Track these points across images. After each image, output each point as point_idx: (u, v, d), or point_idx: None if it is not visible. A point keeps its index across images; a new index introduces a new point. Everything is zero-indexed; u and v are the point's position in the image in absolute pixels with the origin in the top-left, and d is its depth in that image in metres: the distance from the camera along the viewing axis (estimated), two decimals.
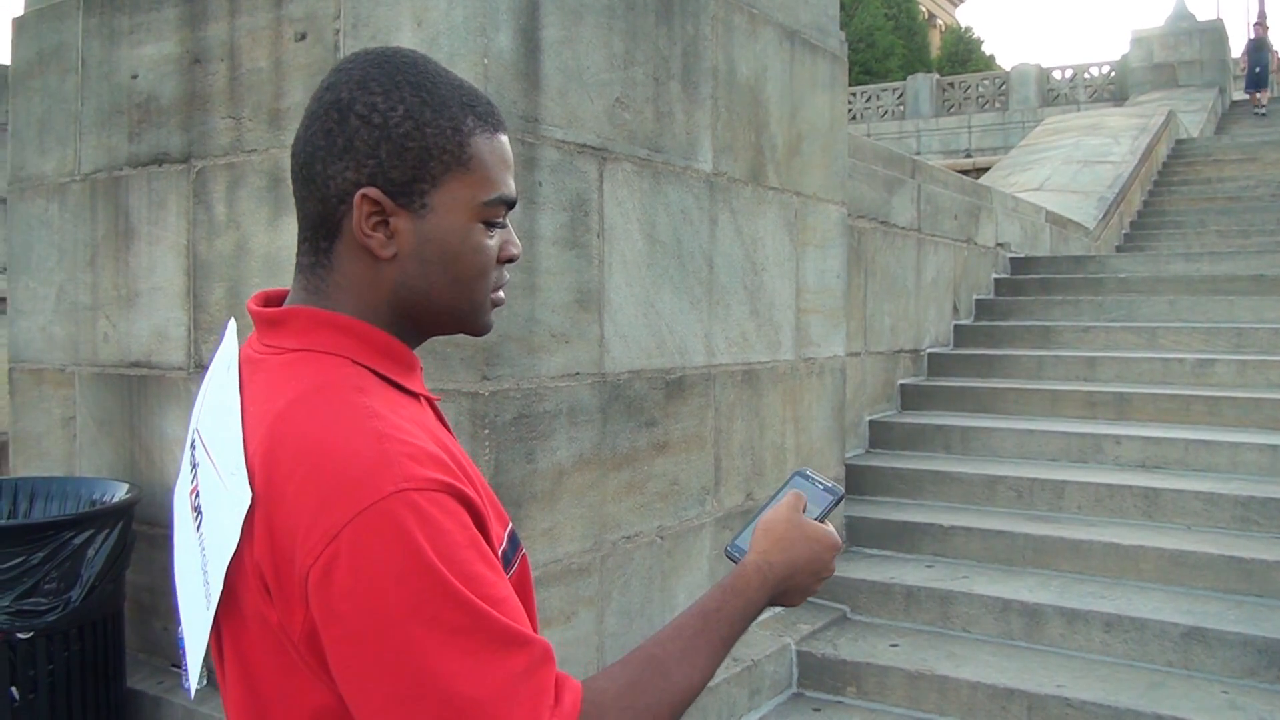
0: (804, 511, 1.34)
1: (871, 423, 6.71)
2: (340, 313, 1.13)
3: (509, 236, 1.21)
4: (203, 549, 1.11)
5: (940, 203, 7.74)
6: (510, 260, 1.21)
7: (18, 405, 4.42)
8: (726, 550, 1.35)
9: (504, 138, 1.19)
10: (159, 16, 3.93)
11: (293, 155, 1.16)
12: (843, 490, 1.41)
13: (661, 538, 4.01)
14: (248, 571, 1.03)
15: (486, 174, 1.15)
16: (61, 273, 4.25)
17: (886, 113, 27.65)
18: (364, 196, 1.10)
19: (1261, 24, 23.43)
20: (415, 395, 1.17)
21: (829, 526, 1.33)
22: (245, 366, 1.16)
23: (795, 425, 4.91)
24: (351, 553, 0.95)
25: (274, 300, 1.23)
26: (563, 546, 3.54)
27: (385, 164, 1.10)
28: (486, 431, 3.23)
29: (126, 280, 4.04)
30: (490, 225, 1.17)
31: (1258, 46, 22.13)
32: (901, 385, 7.20)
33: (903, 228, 7.06)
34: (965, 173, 11.71)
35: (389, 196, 1.11)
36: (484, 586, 0.98)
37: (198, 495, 1.14)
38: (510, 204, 1.18)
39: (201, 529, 1.12)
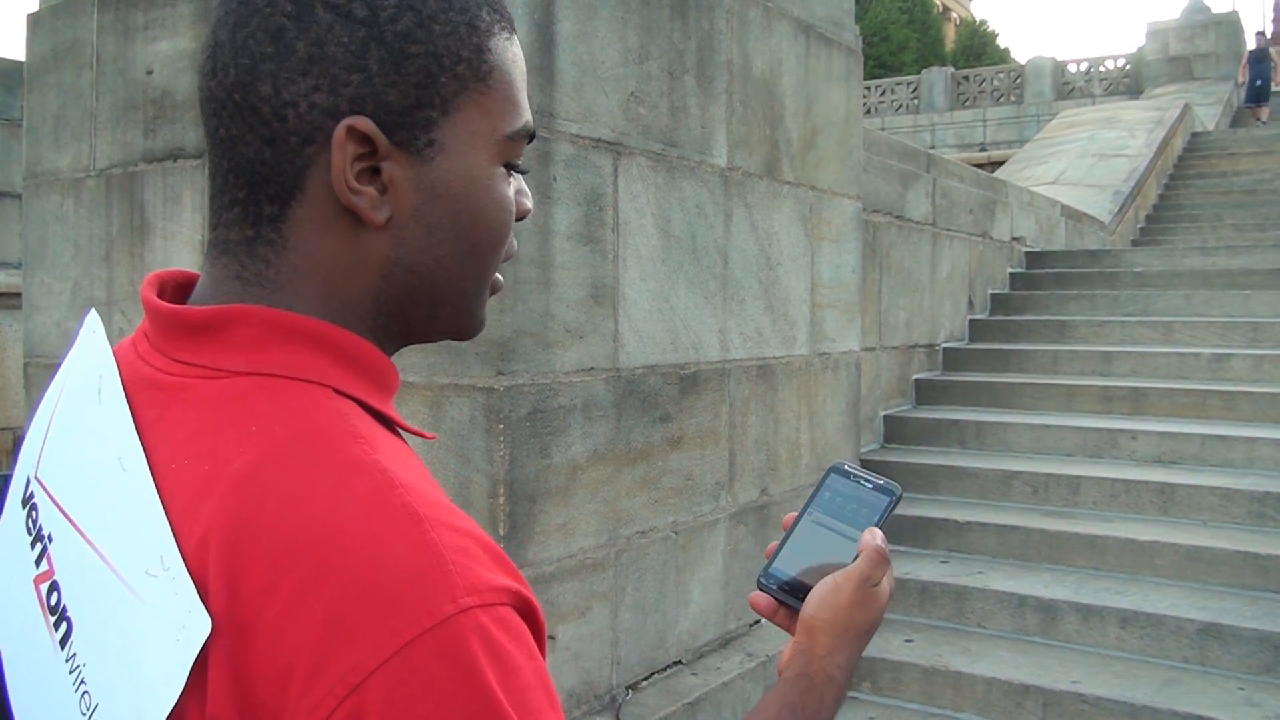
0: (848, 521, 1.09)
1: (886, 418, 6.70)
2: (305, 313, 0.76)
3: (521, 185, 0.86)
4: (80, 684, 0.70)
5: (955, 197, 7.71)
6: (523, 217, 0.86)
7: (33, 400, 4.42)
8: (759, 580, 1.09)
9: (518, 42, 0.86)
10: (174, 12, 3.94)
11: (210, 72, 0.77)
12: (899, 488, 1.13)
13: (676, 533, 4.01)
14: None
15: (510, 93, 0.81)
16: (77, 268, 4.26)
17: (901, 106, 27.59)
18: (350, 131, 0.73)
19: (1263, 33, 22.34)
20: (402, 431, 0.81)
21: (888, 581, 1.06)
22: (143, 393, 0.76)
23: (810, 420, 4.90)
24: (389, 711, 0.61)
25: (179, 287, 0.84)
26: (577, 541, 3.53)
27: (377, 81, 0.74)
28: (501, 427, 3.22)
29: (142, 276, 4.04)
30: (510, 169, 0.83)
31: (1259, 58, 20.46)
32: (916, 380, 7.18)
33: (918, 222, 7.04)
34: (980, 166, 11.64)
35: (383, 131, 0.74)
36: None
37: (57, 591, 0.73)
38: (533, 137, 0.85)
39: (71, 647, 0.71)
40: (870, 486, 1.11)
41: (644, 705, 3.73)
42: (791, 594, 1.06)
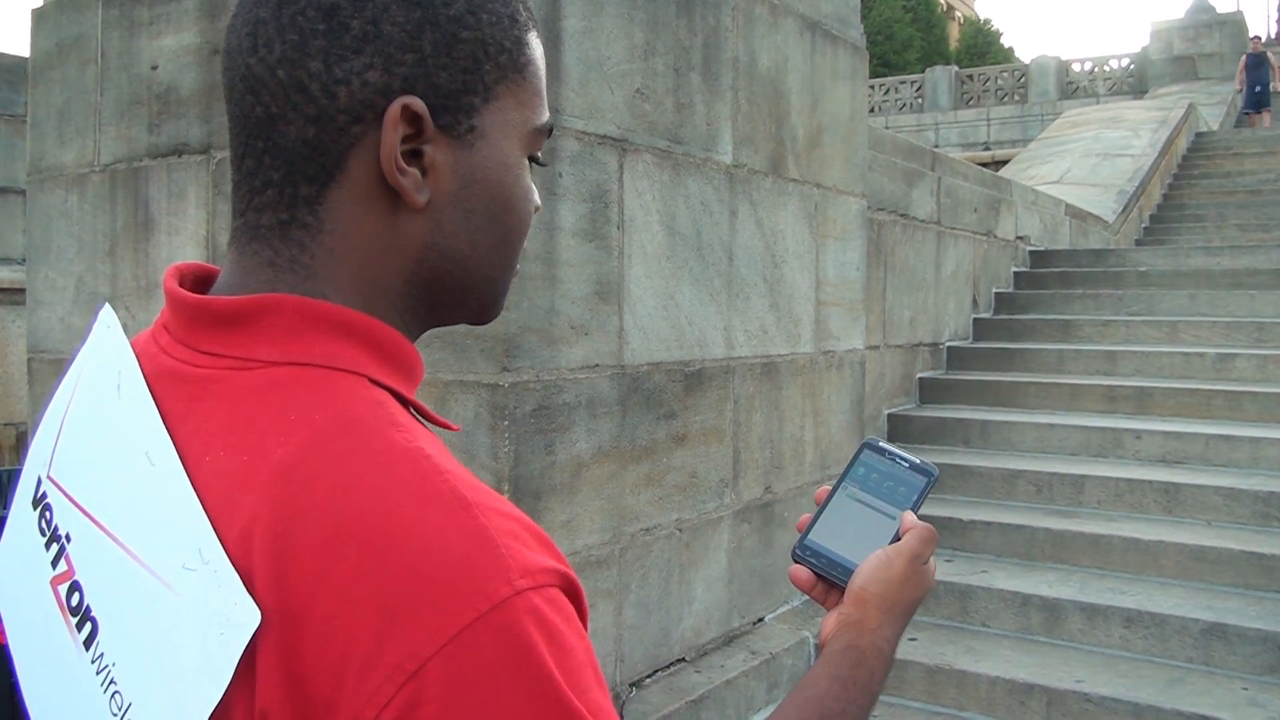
0: (883, 498, 1.08)
1: (890, 416, 6.70)
2: (340, 301, 0.76)
3: (531, 183, 0.87)
4: (109, 683, 0.69)
5: (960, 195, 7.71)
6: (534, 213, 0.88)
7: (37, 395, 4.43)
8: (795, 551, 1.07)
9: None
10: (179, 7, 3.93)
11: (249, 49, 0.75)
12: (936, 469, 1.11)
13: (680, 530, 4.00)
14: None
15: (540, 87, 0.83)
16: (81, 263, 4.25)
17: (905, 105, 27.58)
18: (404, 109, 0.73)
19: (1259, 38, 21.65)
20: (429, 422, 0.80)
21: (933, 560, 1.06)
22: (167, 387, 0.74)
23: (814, 418, 4.90)
24: (448, 696, 0.60)
25: (198, 280, 0.82)
26: (581, 539, 3.53)
27: (430, 62, 0.74)
28: (506, 423, 3.22)
29: (146, 271, 4.04)
30: (532, 162, 0.85)
31: (1256, 63, 19.54)
32: (920, 379, 7.18)
33: (922, 220, 7.04)
34: (984, 166, 11.63)
35: (430, 113, 0.75)
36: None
37: (78, 591, 0.72)
38: (551, 133, 0.86)
39: (98, 648, 0.70)
40: (906, 466, 1.10)
41: (647, 703, 3.72)
42: (827, 567, 1.05)
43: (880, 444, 1.11)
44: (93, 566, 0.72)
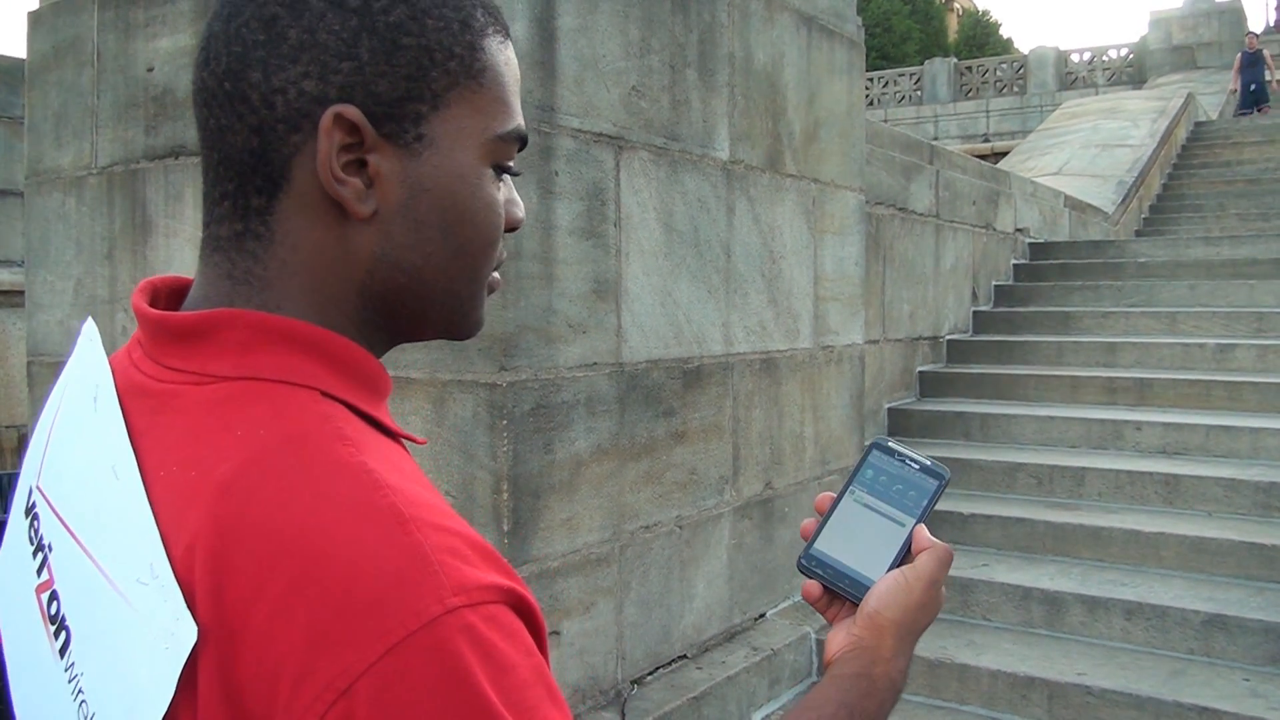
0: (892, 502, 1.04)
1: (890, 410, 6.70)
2: (292, 315, 0.76)
3: (513, 194, 0.85)
4: (78, 692, 0.71)
5: (959, 188, 7.70)
6: (514, 228, 0.85)
7: (37, 398, 4.43)
8: (800, 562, 1.02)
9: (513, 49, 0.84)
10: (174, 9, 3.93)
11: (203, 63, 0.77)
12: (947, 471, 1.06)
13: (680, 527, 4.00)
14: None
15: (502, 94, 0.80)
16: (79, 266, 4.26)
17: (904, 98, 27.55)
18: (338, 118, 0.73)
19: (1255, 34, 20.81)
20: (394, 435, 0.79)
21: (941, 580, 1.01)
22: (135, 401, 0.75)
23: (814, 414, 4.90)
24: (378, 715, 0.60)
25: (172, 294, 0.83)
26: (581, 537, 3.53)
27: (368, 70, 0.74)
28: (505, 423, 3.22)
29: (144, 273, 4.04)
30: (500, 171, 0.82)
31: (1251, 61, 18.84)
32: (920, 372, 7.18)
33: (921, 214, 7.03)
34: (984, 157, 11.63)
35: (371, 122, 0.74)
36: None
37: (56, 600, 0.74)
38: (524, 143, 0.84)
39: (70, 656, 0.72)
40: (917, 468, 1.04)
41: (649, 700, 3.73)
42: (834, 579, 1.01)
43: (890, 444, 1.06)
44: (68, 576, 0.73)
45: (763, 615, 4.54)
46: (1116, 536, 5.06)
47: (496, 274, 0.86)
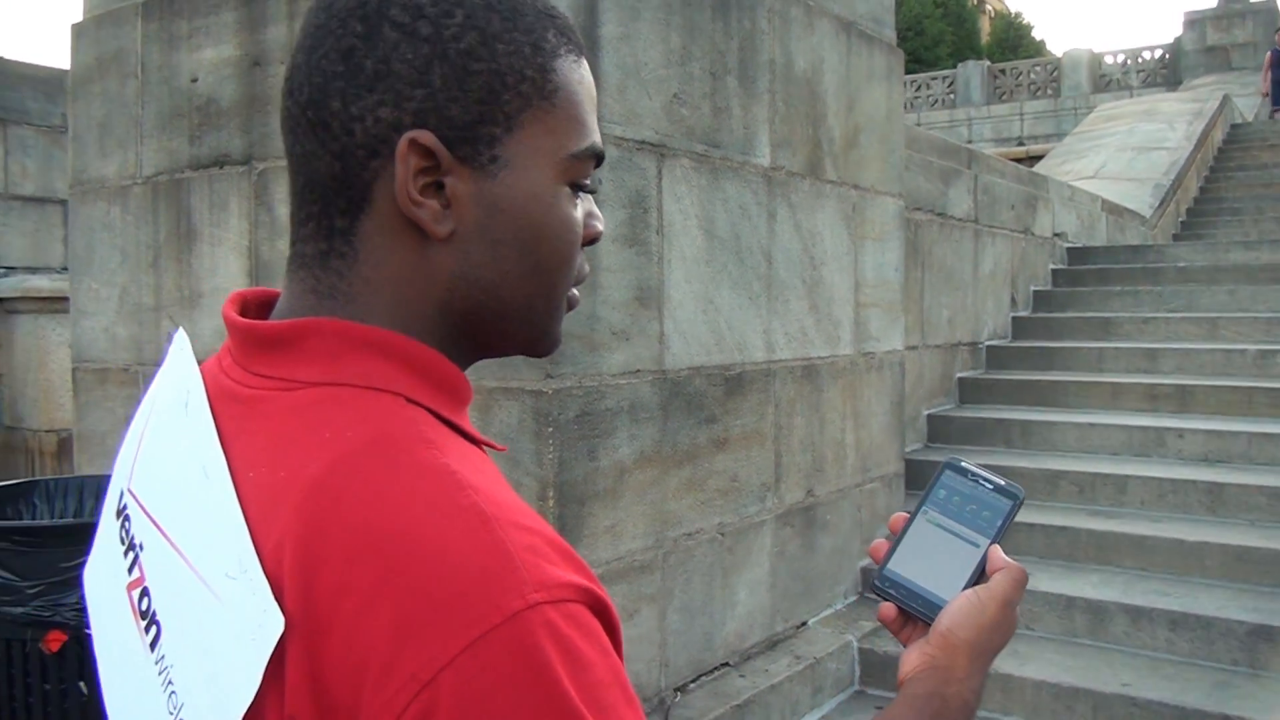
0: (966, 523, 1.03)
1: (930, 417, 6.68)
2: (377, 325, 0.79)
3: (592, 207, 0.87)
4: (168, 684, 0.74)
5: (997, 193, 7.67)
6: (593, 241, 0.88)
7: (82, 404, 4.48)
8: (874, 583, 1.03)
9: (588, 67, 0.86)
10: (218, 20, 3.97)
11: (288, 92, 0.81)
12: (1022, 490, 1.05)
13: (722, 535, 4.01)
14: None
15: (576, 113, 0.82)
16: (124, 274, 4.30)
17: (937, 101, 27.44)
18: (412, 144, 0.75)
19: None
20: (474, 441, 0.81)
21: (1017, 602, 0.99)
22: (225, 406, 0.79)
23: (855, 420, 4.89)
24: (460, 707, 0.62)
25: (261, 305, 0.88)
26: (625, 544, 3.54)
27: (440, 96, 0.76)
28: (550, 430, 3.23)
29: (189, 281, 4.08)
30: (576, 189, 0.84)
31: None
32: (959, 378, 7.15)
33: (959, 219, 7.01)
34: (1018, 161, 11.55)
35: (446, 145, 0.77)
36: None
37: (147, 596, 0.78)
38: (601, 159, 0.85)
39: (160, 650, 0.76)
40: (991, 488, 1.03)
41: (692, 708, 3.73)
42: (907, 599, 1.01)
43: (962, 464, 1.06)
44: (159, 573, 0.77)
45: (804, 623, 4.53)
46: (1160, 545, 5.02)
47: (575, 291, 0.87)
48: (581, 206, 0.85)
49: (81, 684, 3.35)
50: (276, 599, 0.67)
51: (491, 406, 3.27)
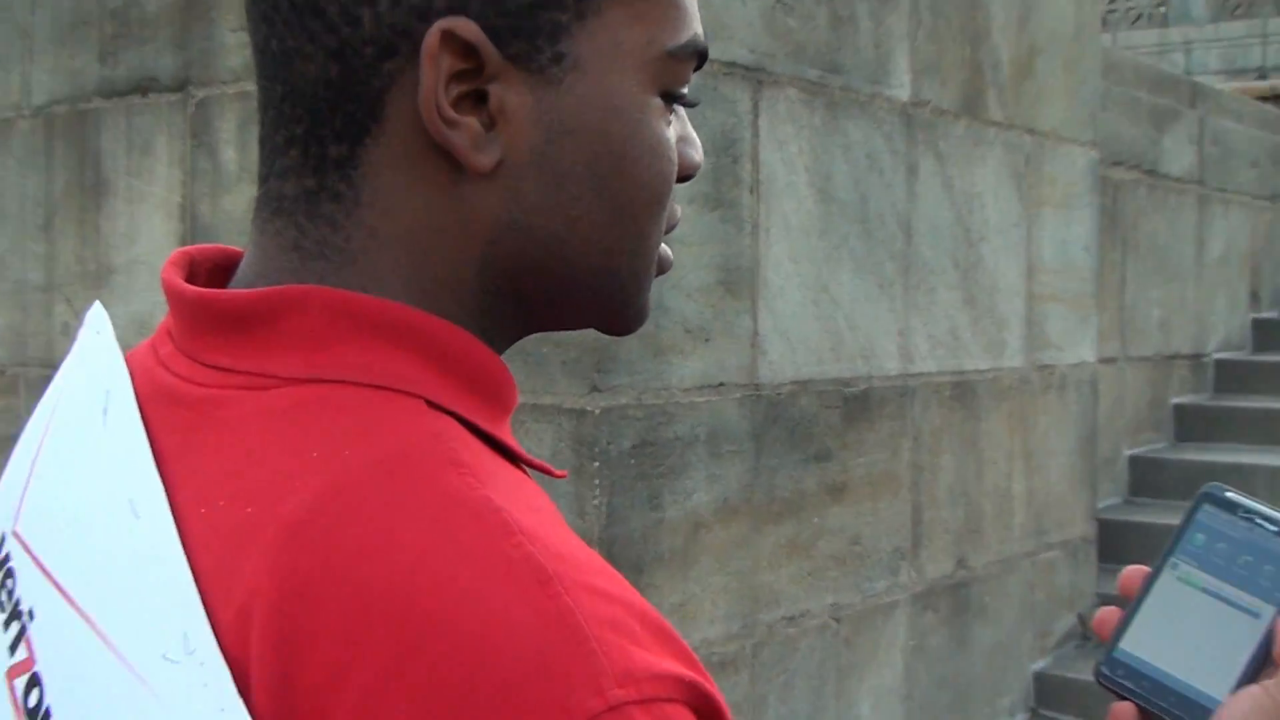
0: (1237, 581, 0.94)
1: (1133, 459, 6.63)
2: (386, 295, 0.74)
3: (687, 129, 0.82)
4: None
5: (1232, 143, 7.62)
6: (689, 176, 0.83)
7: None
8: (1102, 670, 0.95)
9: None
10: None
11: None
12: None
13: (837, 619, 4.01)
14: None
15: None
16: (3, 240, 4.35)
17: (1140, 17, 27.20)
18: (446, 37, 0.70)
19: None
20: (524, 463, 0.79)
21: None
22: (164, 412, 0.74)
23: (1026, 461, 4.88)
24: None
25: (217, 269, 0.83)
26: (700, 630, 3.55)
27: None
28: (596, 465, 3.24)
29: (96, 251, 4.13)
30: (671, 101, 0.79)
31: None
32: (1176, 406, 7.10)
33: (1177, 179, 6.97)
34: (1259, 99, 11.40)
35: (493, 39, 0.71)
36: None
37: (37, 687, 0.72)
38: (704, 59, 0.80)
39: None
40: (1275, 529, 0.93)
41: None
42: (1152, 693, 0.93)
43: (1227, 493, 0.96)
44: (57, 654, 0.71)
45: None
46: None
47: (666, 249, 0.84)
48: (675, 127, 0.80)
49: None
50: (240, 692, 0.62)
51: (517, 430, 3.28)
